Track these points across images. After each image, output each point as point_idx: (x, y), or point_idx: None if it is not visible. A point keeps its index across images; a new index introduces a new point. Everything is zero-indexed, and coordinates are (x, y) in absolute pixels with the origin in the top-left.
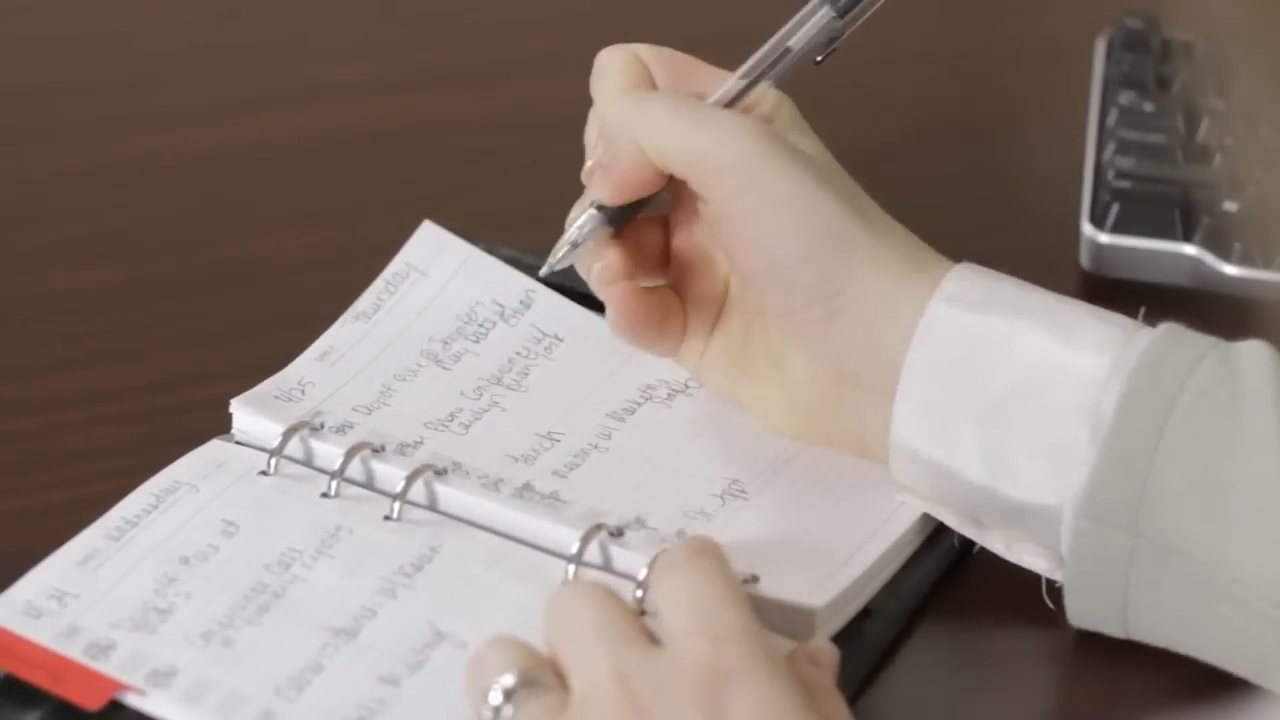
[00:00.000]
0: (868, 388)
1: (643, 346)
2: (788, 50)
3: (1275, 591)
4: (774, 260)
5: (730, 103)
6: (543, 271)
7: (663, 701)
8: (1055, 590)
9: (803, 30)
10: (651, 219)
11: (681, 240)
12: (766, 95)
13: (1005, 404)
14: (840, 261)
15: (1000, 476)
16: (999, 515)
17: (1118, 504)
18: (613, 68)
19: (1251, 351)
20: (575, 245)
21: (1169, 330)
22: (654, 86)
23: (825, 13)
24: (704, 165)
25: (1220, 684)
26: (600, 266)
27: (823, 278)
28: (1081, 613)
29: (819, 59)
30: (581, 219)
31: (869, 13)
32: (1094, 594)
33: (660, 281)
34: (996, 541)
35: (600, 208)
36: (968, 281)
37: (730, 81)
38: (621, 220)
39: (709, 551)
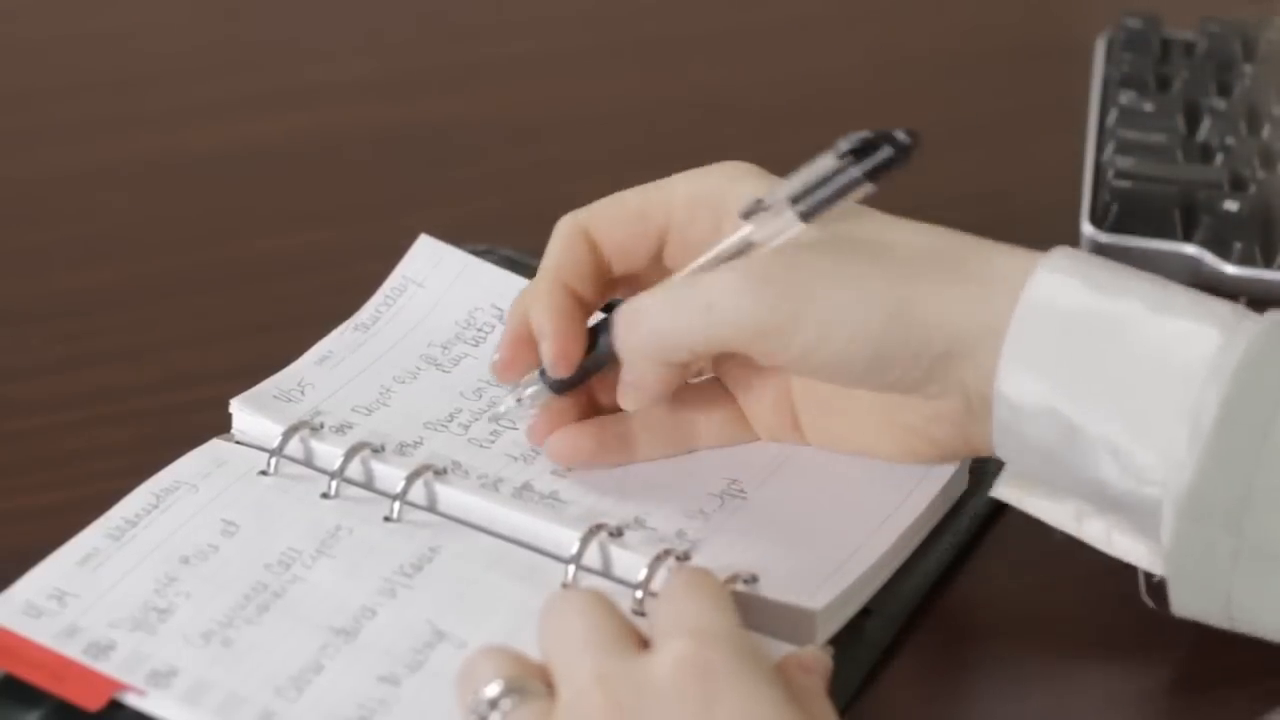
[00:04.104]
0: (978, 414)
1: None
2: (751, 244)
3: None
4: (848, 371)
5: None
6: (489, 418)
7: (647, 703)
8: (1153, 584)
9: (768, 229)
10: None
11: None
12: None
13: (1108, 395)
14: (911, 329)
15: (1103, 465)
16: (1102, 502)
17: (1220, 506)
18: (558, 252)
19: None
20: (520, 401)
21: (1274, 323)
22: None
23: (790, 216)
24: (731, 344)
25: (1229, 684)
26: (529, 427)
27: (903, 350)
28: (1185, 605)
29: None
30: (528, 387)
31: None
32: (1196, 591)
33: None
34: (1097, 533)
35: (545, 375)
36: (1054, 281)
37: (690, 268)
38: (569, 388)
39: (700, 571)
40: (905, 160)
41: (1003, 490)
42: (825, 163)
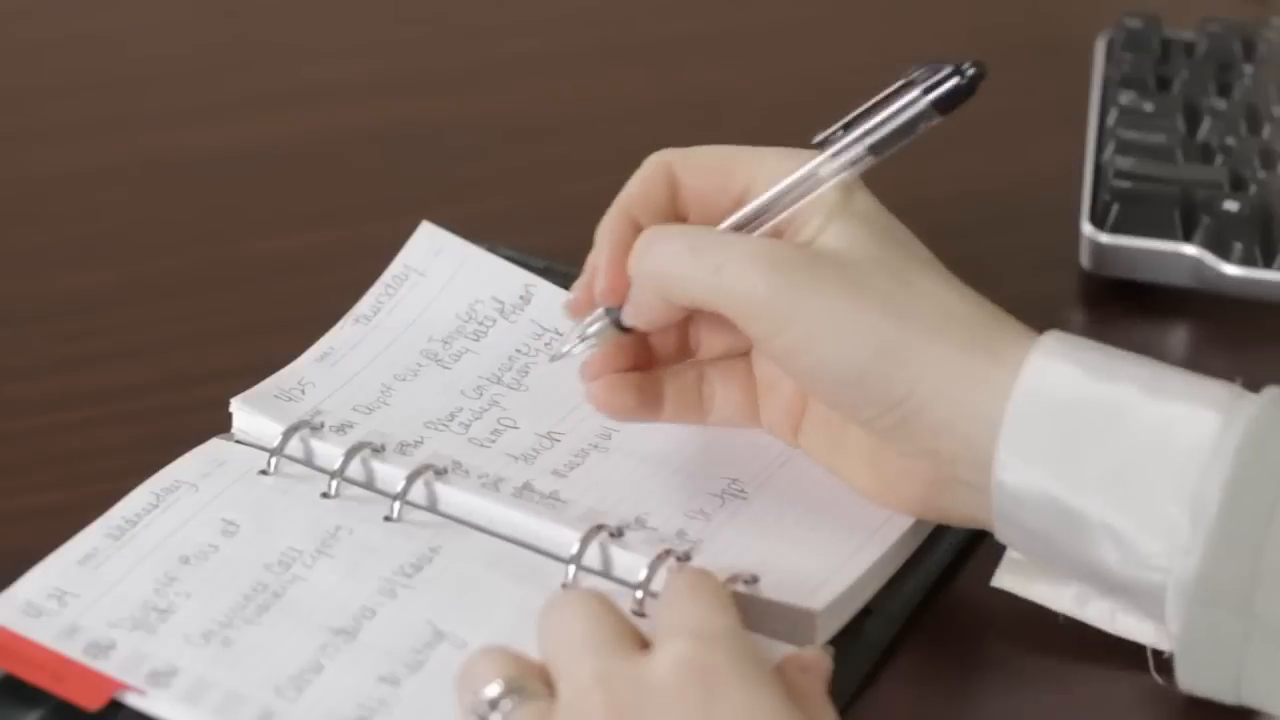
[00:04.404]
0: (965, 479)
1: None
2: (818, 177)
3: None
4: (824, 387)
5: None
6: (550, 358)
7: (646, 704)
8: (1161, 660)
9: (838, 162)
10: None
11: None
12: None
13: (1108, 483)
14: (897, 372)
15: (1105, 552)
16: (1104, 586)
17: (1229, 590)
18: (637, 182)
19: None
20: (583, 339)
21: (1273, 400)
22: (678, 198)
23: (860, 149)
24: (727, 310)
25: None
26: (584, 361)
27: (883, 391)
28: (1193, 684)
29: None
30: (593, 323)
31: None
32: (1205, 672)
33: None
34: (1100, 614)
35: (610, 310)
36: (1049, 368)
37: (754, 205)
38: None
39: (701, 572)
40: (971, 92)
41: (1004, 579)
42: (894, 96)
